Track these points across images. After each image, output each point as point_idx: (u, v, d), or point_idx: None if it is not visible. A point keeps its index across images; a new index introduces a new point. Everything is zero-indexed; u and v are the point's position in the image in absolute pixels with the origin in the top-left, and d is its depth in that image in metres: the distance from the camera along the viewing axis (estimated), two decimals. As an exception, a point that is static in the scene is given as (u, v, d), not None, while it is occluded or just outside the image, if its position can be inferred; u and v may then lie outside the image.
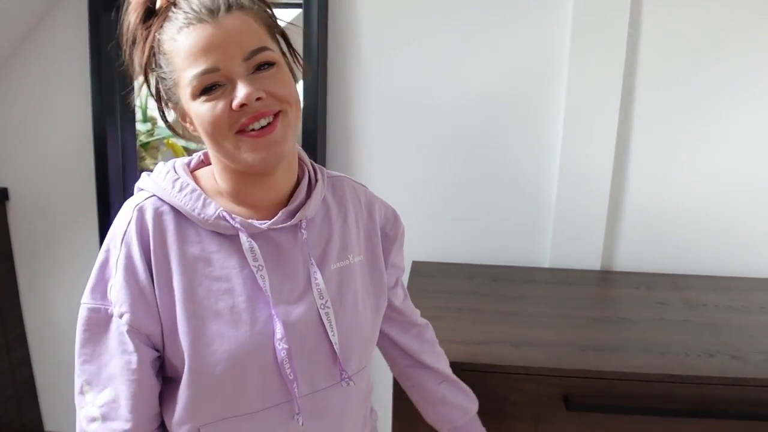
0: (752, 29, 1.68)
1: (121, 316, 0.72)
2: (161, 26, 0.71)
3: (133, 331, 0.72)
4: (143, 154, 2.86)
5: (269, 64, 0.71)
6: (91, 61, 1.93)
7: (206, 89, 0.69)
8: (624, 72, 1.68)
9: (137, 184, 0.81)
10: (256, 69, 0.70)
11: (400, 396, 1.15)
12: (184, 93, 0.71)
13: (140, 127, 2.75)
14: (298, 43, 0.84)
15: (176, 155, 3.13)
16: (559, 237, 1.78)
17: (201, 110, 0.70)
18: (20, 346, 2.22)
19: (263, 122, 0.70)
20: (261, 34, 0.72)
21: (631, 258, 1.83)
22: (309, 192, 0.83)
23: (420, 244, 1.85)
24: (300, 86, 1.66)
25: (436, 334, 1.11)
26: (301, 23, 1.77)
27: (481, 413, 1.16)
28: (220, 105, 0.69)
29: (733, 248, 1.80)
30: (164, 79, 0.74)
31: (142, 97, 2.86)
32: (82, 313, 0.75)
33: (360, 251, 0.88)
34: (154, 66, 0.74)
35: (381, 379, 1.33)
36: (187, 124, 0.76)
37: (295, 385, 0.77)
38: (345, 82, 1.84)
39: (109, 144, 2.00)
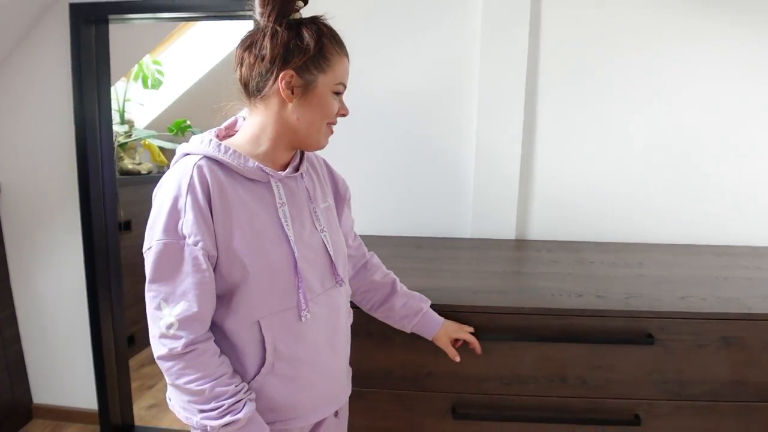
0: (639, 30, 1.97)
1: (196, 244, 0.98)
2: (328, 39, 1.06)
3: (205, 254, 0.99)
4: (121, 154, 3.07)
5: None
6: (72, 70, 2.17)
7: (338, 93, 1.09)
8: (527, 68, 1.97)
9: (182, 150, 1.08)
10: None
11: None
12: (326, 83, 1.06)
13: (118, 128, 2.97)
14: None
15: (153, 155, 3.39)
16: (478, 212, 2.06)
17: (329, 100, 1.08)
18: (10, 325, 2.44)
19: None
20: None
21: (540, 229, 2.11)
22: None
23: (356, 218, 2.12)
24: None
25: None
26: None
27: (393, 344, 1.45)
28: (336, 105, 1.10)
29: (624, 219, 2.09)
30: (309, 66, 1.04)
31: (120, 102, 3.12)
32: (158, 248, 0.98)
33: (327, 198, 1.23)
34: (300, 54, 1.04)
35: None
36: (290, 91, 1.05)
37: (301, 289, 1.09)
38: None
39: (89, 143, 2.24)
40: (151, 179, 3.40)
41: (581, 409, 1.53)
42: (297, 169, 1.15)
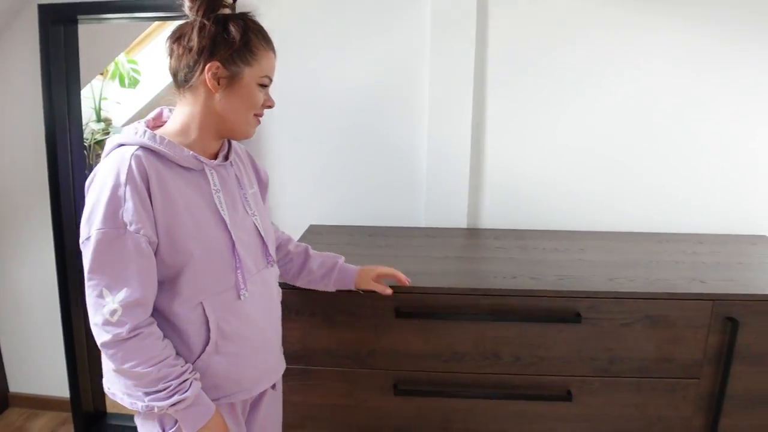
0: (583, 28, 2.05)
1: (138, 231, 1.02)
2: (254, 34, 1.13)
3: (147, 240, 1.03)
4: (99, 151, 3.15)
5: None
6: (42, 69, 2.23)
7: (264, 86, 1.16)
8: (475, 65, 2.05)
9: (116, 141, 1.10)
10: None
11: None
12: (251, 75, 1.12)
13: (95, 126, 3.04)
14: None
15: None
16: (430, 203, 2.14)
17: (254, 92, 1.14)
18: (-14, 317, 2.51)
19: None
20: None
21: (490, 218, 2.19)
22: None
23: (315, 210, 2.21)
24: None
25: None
26: None
27: (336, 324, 1.55)
28: (262, 97, 1.16)
29: (569, 208, 2.18)
30: (235, 59, 1.10)
31: (96, 100, 3.20)
32: (98, 237, 1.00)
33: (253, 185, 1.32)
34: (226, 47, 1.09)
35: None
36: (216, 82, 1.10)
37: (239, 270, 1.17)
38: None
39: (59, 142, 2.30)
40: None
41: (515, 385, 1.62)
42: (227, 158, 1.22)
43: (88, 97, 2.87)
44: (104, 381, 1.21)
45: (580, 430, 1.66)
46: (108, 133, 3.09)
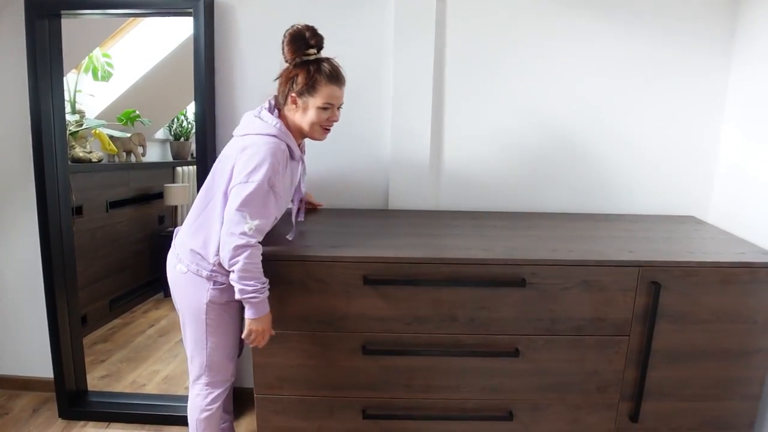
0: (532, 29, 2.29)
1: (274, 190, 1.65)
2: (320, 74, 1.72)
3: (275, 195, 1.66)
4: (72, 142, 3.24)
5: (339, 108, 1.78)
6: (28, 62, 2.34)
7: (326, 109, 1.74)
8: (434, 60, 2.26)
9: (268, 131, 1.71)
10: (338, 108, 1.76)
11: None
12: (314, 103, 1.74)
13: (70, 118, 3.15)
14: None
15: (103, 144, 3.57)
16: (394, 188, 2.34)
17: (317, 112, 1.75)
18: (-31, 298, 2.60)
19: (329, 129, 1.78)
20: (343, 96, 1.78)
21: (450, 200, 2.41)
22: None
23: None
24: (191, 85, 2.18)
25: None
26: (191, 30, 2.26)
27: (311, 291, 1.73)
28: (325, 115, 1.76)
29: (523, 191, 2.41)
30: (303, 92, 1.73)
31: (71, 92, 3.31)
32: (256, 186, 1.61)
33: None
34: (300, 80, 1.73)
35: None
36: (295, 106, 1.76)
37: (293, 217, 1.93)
38: (230, 79, 2.36)
39: (43, 131, 2.40)
40: (101, 167, 3.59)
41: (470, 344, 1.83)
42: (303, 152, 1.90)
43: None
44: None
45: (527, 383, 1.87)
46: (82, 125, 3.20)
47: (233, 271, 1.62)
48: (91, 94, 3.54)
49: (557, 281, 1.77)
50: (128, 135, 3.74)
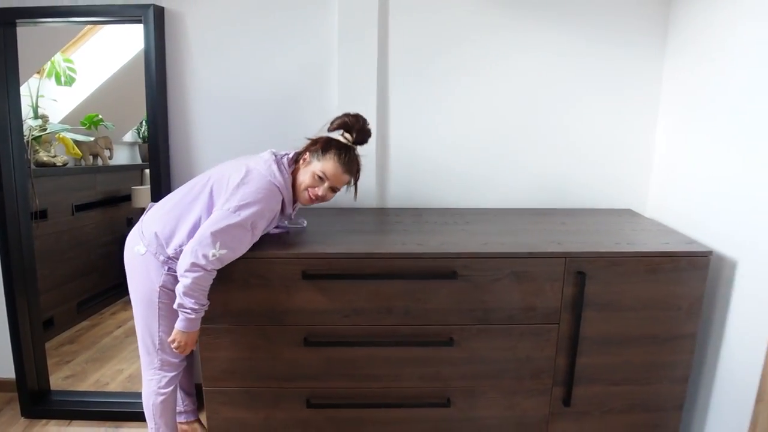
0: (470, 29, 2.38)
1: (254, 234, 1.77)
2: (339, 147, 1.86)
3: (252, 240, 1.76)
4: (37, 147, 3.29)
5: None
6: None
7: (321, 178, 1.84)
8: (378, 62, 2.35)
9: (267, 174, 1.81)
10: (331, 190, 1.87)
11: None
12: (315, 166, 1.85)
13: (32, 123, 3.20)
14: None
15: (67, 148, 3.63)
16: (342, 186, 2.42)
17: (311, 176, 1.85)
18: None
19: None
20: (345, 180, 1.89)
21: (395, 198, 2.50)
22: None
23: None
24: (143, 92, 2.25)
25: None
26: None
27: (253, 287, 1.81)
28: (314, 183, 1.86)
29: (463, 189, 2.50)
30: (317, 151, 1.86)
31: (33, 98, 3.36)
32: (238, 221, 1.70)
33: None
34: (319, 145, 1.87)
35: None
36: (304, 164, 1.89)
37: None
38: (182, 84, 2.43)
39: (0, 137, 2.47)
40: (65, 171, 3.64)
41: (406, 334, 1.92)
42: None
43: (25, 95, 3.03)
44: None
45: (462, 370, 1.96)
46: (45, 129, 3.25)
47: (180, 281, 1.70)
48: (54, 99, 3.59)
49: (488, 273, 1.87)
50: (92, 139, 3.78)
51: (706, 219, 2.13)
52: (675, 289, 1.93)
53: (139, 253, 1.85)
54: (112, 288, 4.24)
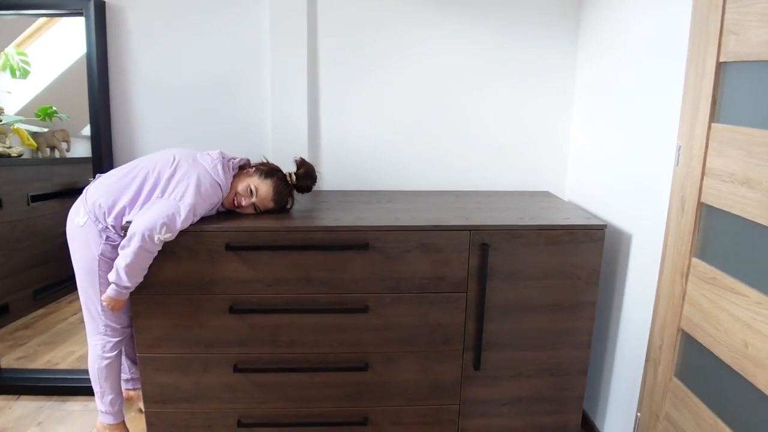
0: (398, 18, 2.55)
1: (195, 216, 1.92)
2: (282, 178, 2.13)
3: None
4: (-8, 138, 3.40)
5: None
6: None
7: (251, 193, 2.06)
8: (308, 53, 2.51)
9: (214, 177, 2.02)
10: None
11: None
12: (253, 181, 2.08)
13: (-14, 114, 3.30)
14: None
15: (22, 139, 3.73)
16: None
17: (242, 186, 2.07)
18: None
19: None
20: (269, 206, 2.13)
21: (328, 181, 2.66)
22: None
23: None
24: (84, 84, 2.37)
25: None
26: (83, 30, 2.45)
27: (181, 258, 1.96)
28: (244, 193, 2.07)
29: (390, 172, 2.68)
30: (258, 172, 2.09)
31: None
32: (191, 211, 1.90)
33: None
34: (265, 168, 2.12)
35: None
36: (245, 176, 2.11)
37: None
38: (123, 77, 2.57)
39: None
40: (21, 162, 3.74)
41: (325, 302, 2.07)
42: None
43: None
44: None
45: (377, 336, 2.12)
46: (0, 121, 3.35)
47: (121, 253, 1.86)
48: (8, 92, 3.69)
49: (398, 244, 2.03)
50: (46, 130, 3.89)
51: (608, 198, 2.32)
52: (574, 260, 2.10)
53: (78, 225, 1.99)
54: (71, 278, 4.32)
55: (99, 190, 2.01)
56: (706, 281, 1.66)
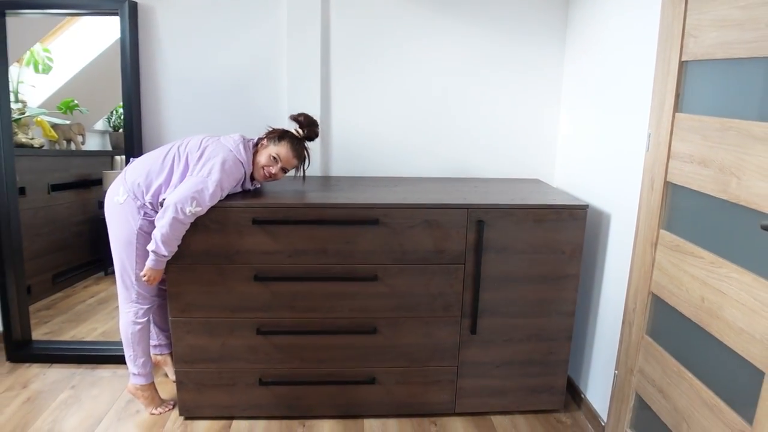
0: (401, 26, 2.81)
1: (222, 192, 2.18)
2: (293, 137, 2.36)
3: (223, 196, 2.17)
4: (15, 129, 3.61)
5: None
6: None
7: (275, 159, 2.28)
8: (321, 52, 2.76)
9: (236, 155, 2.26)
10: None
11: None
12: (272, 149, 2.32)
13: (13, 106, 3.51)
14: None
15: (44, 130, 3.97)
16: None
17: (266, 157, 2.31)
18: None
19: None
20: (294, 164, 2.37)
21: (338, 167, 2.92)
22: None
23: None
24: (116, 80, 2.60)
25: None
26: (115, 30, 2.69)
27: (211, 231, 2.20)
28: (269, 163, 2.30)
29: (396, 160, 2.94)
30: (273, 137, 2.33)
31: (14, 83, 3.70)
32: (218, 186, 2.15)
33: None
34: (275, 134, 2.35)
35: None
36: (262, 148, 2.34)
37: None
38: (153, 70, 2.81)
39: None
40: (43, 152, 3.98)
41: (339, 272, 2.32)
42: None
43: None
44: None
45: (385, 303, 2.38)
46: (24, 113, 3.59)
47: (157, 224, 2.10)
48: (32, 86, 3.93)
49: (404, 221, 2.29)
50: (68, 122, 4.13)
51: (590, 182, 2.59)
52: (559, 237, 2.36)
53: (118, 202, 2.24)
54: (86, 264, 4.57)
55: (137, 171, 2.26)
56: (671, 249, 1.93)
